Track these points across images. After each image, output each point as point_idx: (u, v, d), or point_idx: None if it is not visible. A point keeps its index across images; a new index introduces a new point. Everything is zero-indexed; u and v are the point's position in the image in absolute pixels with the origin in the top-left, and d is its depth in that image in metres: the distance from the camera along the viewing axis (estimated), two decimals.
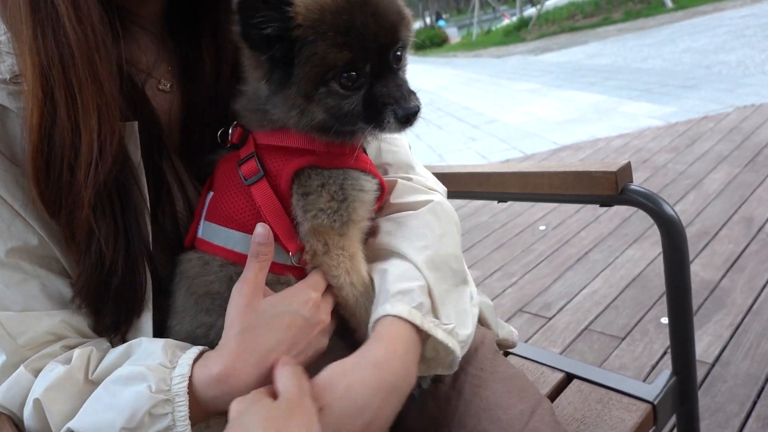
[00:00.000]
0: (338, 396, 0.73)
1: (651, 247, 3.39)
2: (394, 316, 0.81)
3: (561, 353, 2.60)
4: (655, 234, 3.52)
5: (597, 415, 1.15)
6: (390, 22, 0.78)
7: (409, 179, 1.03)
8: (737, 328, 2.52)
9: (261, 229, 0.83)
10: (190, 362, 0.76)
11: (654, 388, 1.20)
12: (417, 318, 0.82)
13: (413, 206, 0.96)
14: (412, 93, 0.82)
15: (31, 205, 0.82)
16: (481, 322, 1.18)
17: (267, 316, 0.80)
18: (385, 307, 0.82)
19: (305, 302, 0.83)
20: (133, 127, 0.87)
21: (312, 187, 0.85)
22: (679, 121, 6.01)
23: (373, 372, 0.76)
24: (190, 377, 0.75)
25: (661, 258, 3.17)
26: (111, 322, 0.86)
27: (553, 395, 1.24)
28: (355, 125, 0.82)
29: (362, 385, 0.74)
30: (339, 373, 0.76)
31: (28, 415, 0.76)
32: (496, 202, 1.40)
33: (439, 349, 0.86)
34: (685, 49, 10.59)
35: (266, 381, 0.76)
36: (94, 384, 0.77)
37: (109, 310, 0.85)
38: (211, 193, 0.93)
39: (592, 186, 1.17)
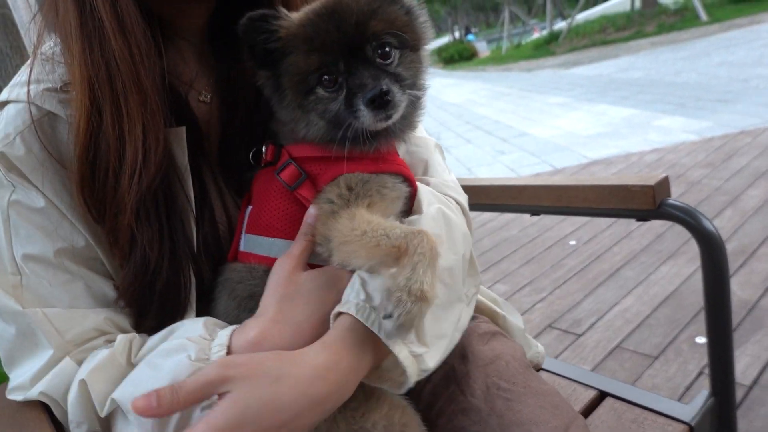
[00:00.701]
0: (268, 380, 0.69)
1: (686, 264, 3.31)
2: (357, 318, 0.76)
3: (592, 370, 2.55)
4: (690, 250, 3.44)
5: None
6: (353, 22, 0.81)
7: (425, 182, 1.01)
8: None
9: (314, 210, 0.85)
10: (229, 333, 0.79)
11: (691, 408, 1.17)
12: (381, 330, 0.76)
13: (417, 209, 0.92)
14: (385, 78, 0.81)
15: (77, 207, 0.85)
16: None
17: (305, 289, 0.83)
18: (350, 305, 0.78)
19: (340, 278, 0.84)
20: (181, 132, 0.90)
21: (339, 186, 0.86)
22: (715, 135, 5.88)
23: (309, 374, 0.71)
24: (229, 347, 0.77)
25: (696, 275, 3.13)
26: (155, 323, 0.88)
27: (586, 413, 1.21)
28: (349, 124, 0.82)
29: (292, 383, 0.70)
30: (276, 359, 0.72)
31: (72, 398, 0.79)
32: (527, 215, 1.39)
33: (398, 367, 0.79)
34: (720, 63, 10.39)
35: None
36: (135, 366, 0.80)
37: (153, 311, 0.88)
38: (250, 207, 0.95)
39: (629, 200, 1.14)
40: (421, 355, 0.77)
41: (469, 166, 7.07)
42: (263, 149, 0.93)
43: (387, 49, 0.84)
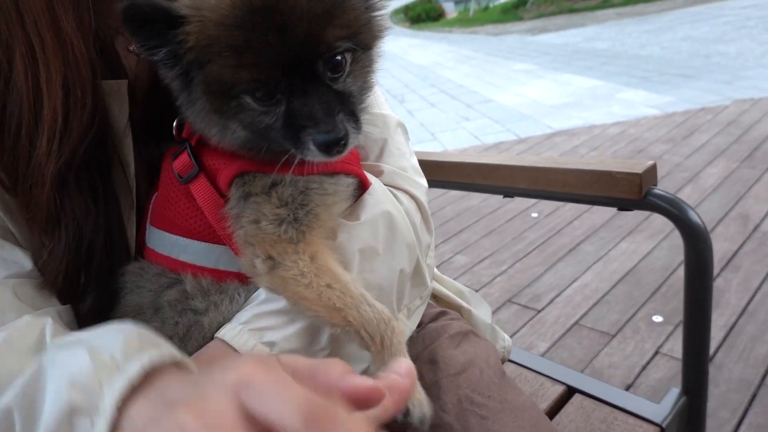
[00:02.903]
0: None
1: (645, 240, 3.32)
2: (228, 344, 0.67)
3: (550, 348, 2.53)
4: (649, 227, 3.45)
5: None
6: (303, 31, 0.61)
7: (378, 169, 0.88)
8: (731, 330, 2.46)
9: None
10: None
11: (662, 408, 1.11)
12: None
13: (356, 212, 0.78)
14: (342, 112, 0.65)
15: None
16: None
17: None
18: (223, 329, 0.68)
19: None
20: (121, 86, 0.75)
21: (257, 187, 0.70)
22: (677, 111, 5.91)
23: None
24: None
25: (654, 253, 3.14)
26: (91, 308, 0.76)
27: (553, 411, 1.14)
28: (281, 145, 0.67)
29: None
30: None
31: None
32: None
33: None
34: (684, 37, 10.46)
35: None
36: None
37: (89, 294, 0.75)
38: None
39: (612, 188, 1.05)
40: None
41: (433, 131, 6.94)
42: (175, 124, 0.77)
43: (338, 59, 0.66)
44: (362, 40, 0.68)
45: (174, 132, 0.78)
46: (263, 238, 0.68)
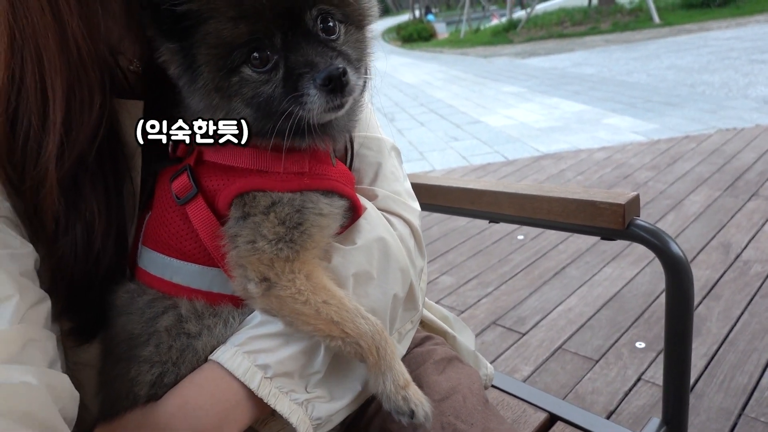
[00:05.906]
0: None
1: (629, 266, 3.34)
2: (223, 367, 0.69)
3: (533, 372, 2.53)
4: (633, 253, 3.48)
5: None
6: None
7: (372, 194, 0.90)
8: (712, 359, 2.48)
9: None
10: None
11: None
12: (254, 380, 0.69)
13: (350, 236, 0.80)
14: (340, 55, 0.68)
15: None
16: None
17: None
18: (218, 352, 0.71)
19: None
20: (138, 107, 0.76)
21: (257, 207, 0.72)
22: (662, 138, 6.01)
23: None
24: None
25: (638, 279, 3.17)
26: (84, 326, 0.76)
27: None
28: (285, 112, 0.68)
29: None
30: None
31: None
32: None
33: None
34: (669, 66, 10.66)
35: None
36: None
37: (90, 310, 0.75)
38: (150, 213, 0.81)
39: (596, 217, 1.07)
40: (308, 400, 0.71)
41: (422, 150, 6.98)
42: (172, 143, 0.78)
43: (330, 23, 0.70)
44: (351, 13, 0.73)
45: (169, 150, 0.78)
46: (258, 258, 0.70)
